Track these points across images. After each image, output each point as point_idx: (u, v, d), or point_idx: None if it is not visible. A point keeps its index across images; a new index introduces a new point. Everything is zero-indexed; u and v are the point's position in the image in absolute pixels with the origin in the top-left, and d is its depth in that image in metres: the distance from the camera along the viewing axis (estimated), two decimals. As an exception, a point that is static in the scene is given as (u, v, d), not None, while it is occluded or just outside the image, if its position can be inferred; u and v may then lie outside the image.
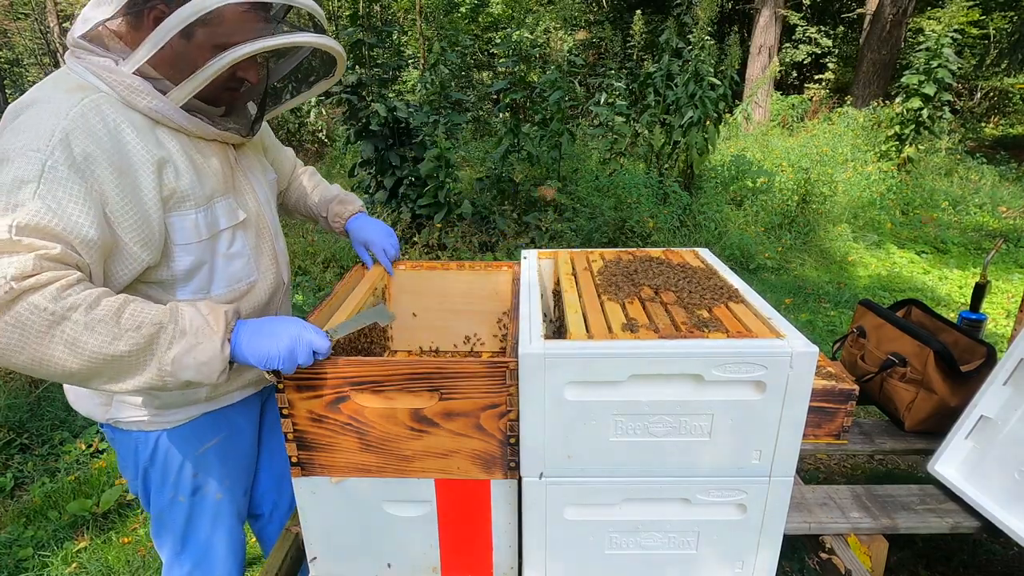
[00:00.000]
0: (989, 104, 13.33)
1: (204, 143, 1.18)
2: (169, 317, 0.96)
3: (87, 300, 0.91)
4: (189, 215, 1.13)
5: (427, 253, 4.97)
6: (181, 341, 0.96)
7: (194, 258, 1.16)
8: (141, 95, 1.05)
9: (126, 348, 0.92)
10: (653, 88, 6.05)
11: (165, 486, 1.34)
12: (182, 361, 0.96)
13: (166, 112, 1.08)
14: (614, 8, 14.48)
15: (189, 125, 1.12)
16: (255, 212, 1.30)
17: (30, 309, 0.87)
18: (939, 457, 1.62)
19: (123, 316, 0.93)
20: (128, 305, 0.94)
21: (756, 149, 8.18)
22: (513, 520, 1.19)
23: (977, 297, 2.17)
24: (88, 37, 1.05)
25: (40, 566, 2.28)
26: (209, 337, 0.97)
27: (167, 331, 0.95)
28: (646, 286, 1.28)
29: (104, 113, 1.02)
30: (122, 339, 0.92)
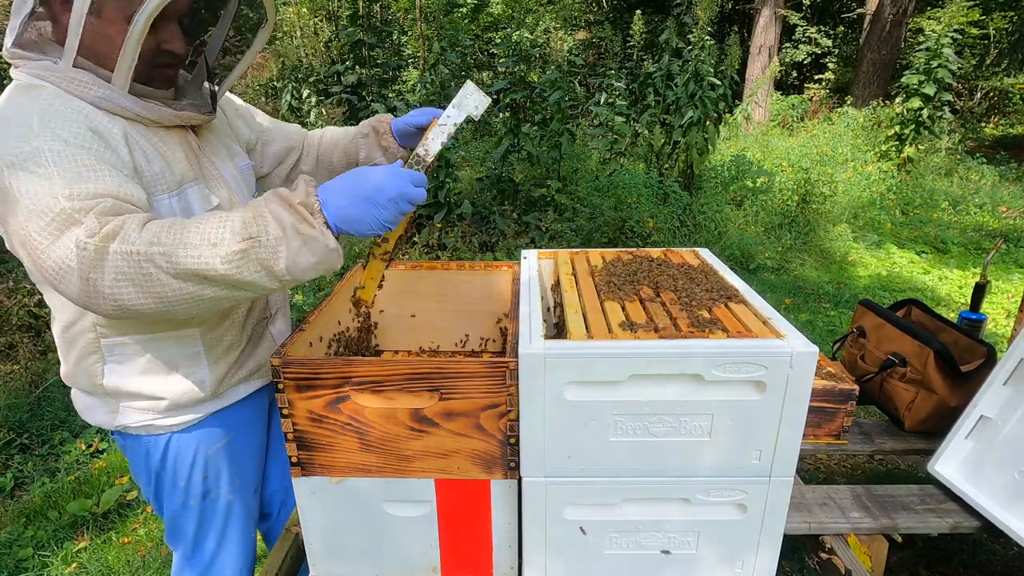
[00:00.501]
0: (989, 104, 13.33)
1: (163, 131, 1.15)
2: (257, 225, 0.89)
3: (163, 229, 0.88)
4: (163, 199, 1.11)
5: (427, 253, 4.97)
6: (282, 249, 0.90)
7: None
8: (87, 86, 1.03)
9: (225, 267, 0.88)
10: (653, 88, 6.05)
11: (176, 490, 1.33)
12: (296, 268, 0.91)
13: (117, 100, 1.05)
14: (614, 8, 14.48)
15: (143, 111, 1.09)
16: (227, 199, 1.26)
17: (119, 256, 0.86)
18: (939, 457, 1.62)
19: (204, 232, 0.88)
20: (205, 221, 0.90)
21: (756, 149, 8.18)
22: (513, 520, 1.19)
23: (977, 297, 2.17)
24: (20, 45, 1.05)
25: (40, 566, 2.29)
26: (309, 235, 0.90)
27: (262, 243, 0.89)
28: (646, 286, 1.28)
29: (64, 99, 1.01)
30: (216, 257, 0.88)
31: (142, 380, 1.21)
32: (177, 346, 1.22)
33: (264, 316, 1.39)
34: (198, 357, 1.25)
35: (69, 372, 1.25)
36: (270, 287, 0.93)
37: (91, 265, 0.87)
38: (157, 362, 1.21)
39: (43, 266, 0.90)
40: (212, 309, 0.96)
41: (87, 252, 0.86)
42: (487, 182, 5.72)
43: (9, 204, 0.92)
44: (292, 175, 1.56)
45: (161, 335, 1.20)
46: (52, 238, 0.89)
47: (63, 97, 1.02)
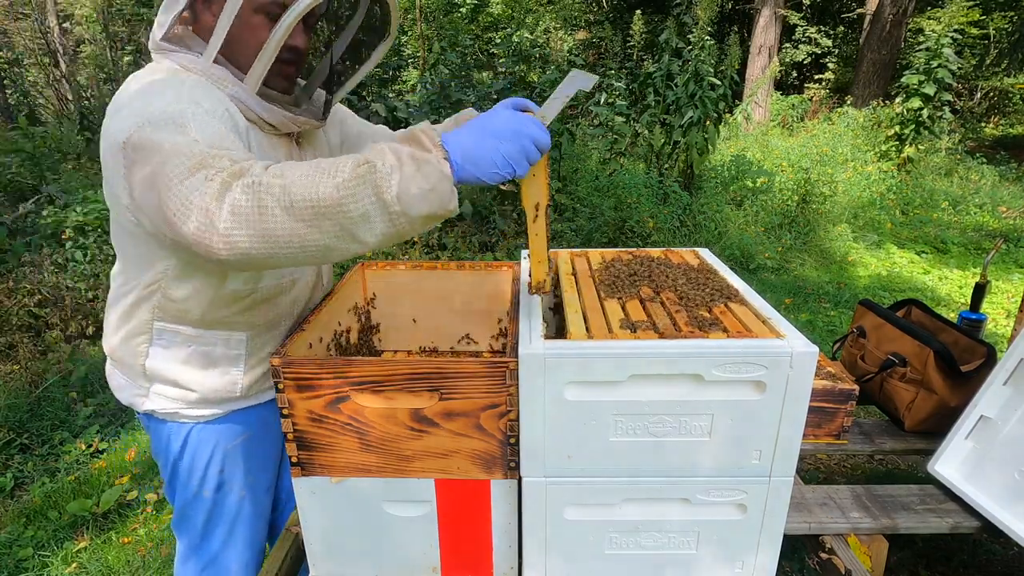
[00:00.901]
0: (989, 104, 13.33)
1: (274, 139, 1.20)
2: (376, 155, 0.87)
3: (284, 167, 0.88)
4: None
5: (427, 253, 4.97)
6: (396, 174, 0.85)
7: None
8: (224, 82, 1.10)
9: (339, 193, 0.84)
10: (653, 88, 6.05)
11: (191, 480, 1.35)
12: (407, 195, 0.85)
13: (246, 100, 1.12)
14: (614, 8, 14.48)
15: (266, 114, 1.14)
16: None
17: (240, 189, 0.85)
18: (939, 457, 1.62)
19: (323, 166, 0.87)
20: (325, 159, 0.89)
21: (756, 149, 8.19)
22: (513, 520, 1.19)
23: (977, 297, 2.17)
24: (167, 39, 1.11)
25: (40, 566, 2.29)
26: (421, 161, 0.87)
27: (377, 169, 0.85)
28: (646, 286, 1.28)
29: (209, 88, 1.08)
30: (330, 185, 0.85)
31: (180, 369, 1.25)
32: (223, 345, 1.26)
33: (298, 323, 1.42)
34: (238, 360, 1.29)
35: (114, 346, 1.28)
36: (379, 225, 0.87)
37: (212, 197, 0.85)
38: (199, 356, 1.25)
39: (167, 202, 0.89)
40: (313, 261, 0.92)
41: (212, 184, 0.87)
42: (487, 182, 5.71)
43: (147, 154, 0.95)
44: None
45: (212, 332, 1.24)
46: (184, 176, 0.90)
47: (206, 85, 1.09)
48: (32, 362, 3.50)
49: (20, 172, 5.41)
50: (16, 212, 4.71)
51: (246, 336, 1.28)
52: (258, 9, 1.08)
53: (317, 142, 1.37)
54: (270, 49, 1.08)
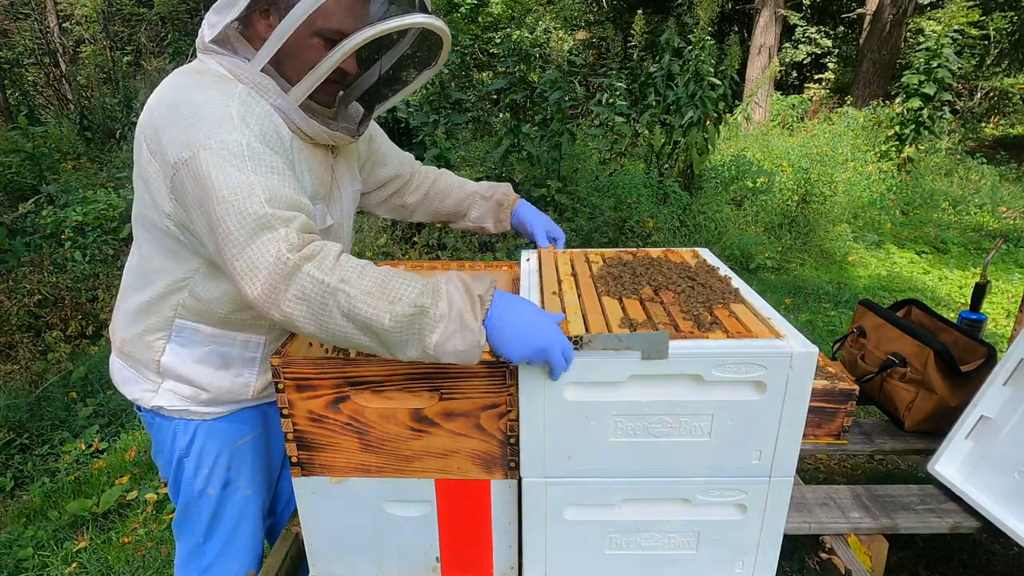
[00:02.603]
0: (989, 104, 13.33)
1: (311, 148, 1.20)
2: (431, 298, 0.94)
3: (356, 270, 0.94)
4: None
5: (427, 253, 4.97)
6: (441, 326, 0.93)
7: None
8: (270, 93, 1.09)
9: (391, 324, 0.92)
10: (654, 88, 6.05)
11: (197, 476, 1.34)
12: (443, 347, 0.94)
13: (288, 112, 1.11)
14: (614, 8, 14.48)
15: (306, 127, 1.14)
16: (339, 221, 1.32)
17: (309, 280, 0.92)
18: (939, 457, 1.62)
19: (388, 288, 0.93)
20: (392, 278, 0.95)
21: (756, 149, 8.18)
22: (513, 520, 1.19)
23: (977, 297, 2.17)
24: (217, 40, 1.10)
25: (40, 566, 2.29)
26: (467, 326, 0.94)
27: (428, 315, 0.93)
28: (646, 286, 1.28)
29: (255, 99, 1.08)
30: (389, 314, 0.92)
31: (195, 368, 1.24)
32: (240, 347, 1.26)
33: None
34: (252, 362, 1.29)
35: (126, 340, 1.26)
36: (412, 355, 0.96)
37: (283, 276, 0.92)
38: (216, 356, 1.25)
39: (232, 261, 0.95)
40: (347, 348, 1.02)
41: (285, 265, 0.92)
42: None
43: (206, 189, 0.97)
44: (392, 200, 1.63)
45: (232, 333, 1.24)
46: (248, 237, 0.93)
47: (254, 95, 1.08)
48: (32, 362, 3.50)
49: (20, 172, 5.41)
50: (16, 212, 4.71)
51: (264, 339, 1.28)
52: (317, 32, 1.08)
53: (349, 152, 1.38)
54: (320, 71, 1.07)
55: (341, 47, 1.05)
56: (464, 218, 1.67)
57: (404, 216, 1.69)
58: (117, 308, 1.30)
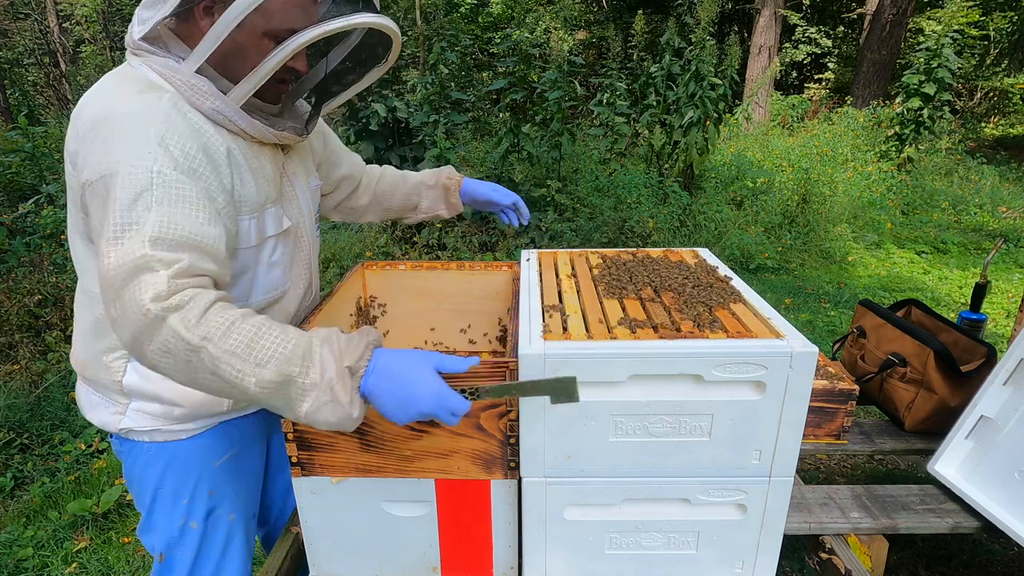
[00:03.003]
0: (989, 104, 13.33)
1: (258, 147, 1.14)
2: (300, 365, 0.90)
3: (221, 327, 0.88)
4: (243, 220, 1.10)
5: (427, 253, 4.97)
6: (311, 396, 0.90)
7: (240, 264, 1.13)
8: (205, 96, 1.03)
9: (257, 390, 0.89)
10: (654, 88, 6.05)
11: (176, 509, 1.24)
12: (314, 417, 0.91)
13: (228, 114, 1.05)
14: (614, 8, 14.48)
15: (248, 128, 1.09)
16: (296, 221, 1.26)
17: (172, 335, 0.87)
18: (939, 457, 1.62)
19: (256, 349, 0.89)
20: (259, 337, 0.90)
21: (756, 149, 8.18)
22: (513, 520, 1.19)
23: (977, 297, 2.17)
24: (147, 38, 1.03)
25: (40, 566, 2.29)
26: (337, 399, 0.91)
27: (296, 384, 0.90)
28: (646, 286, 1.28)
29: (183, 110, 1.01)
30: (255, 377, 0.89)
31: (162, 383, 1.15)
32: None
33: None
34: None
35: (86, 362, 1.19)
36: (286, 414, 0.94)
37: (145, 330, 0.87)
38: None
39: (107, 296, 0.90)
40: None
41: (145, 317, 0.87)
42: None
43: (103, 216, 0.93)
44: (345, 203, 1.61)
45: None
46: (123, 280, 0.88)
47: (180, 107, 1.01)
48: (32, 362, 3.50)
49: (20, 172, 5.41)
50: (16, 212, 4.71)
51: None
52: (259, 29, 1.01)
53: (302, 148, 1.33)
54: (262, 72, 1.02)
55: (284, 47, 1.00)
56: (416, 210, 1.65)
57: (355, 218, 1.65)
58: (75, 330, 1.22)
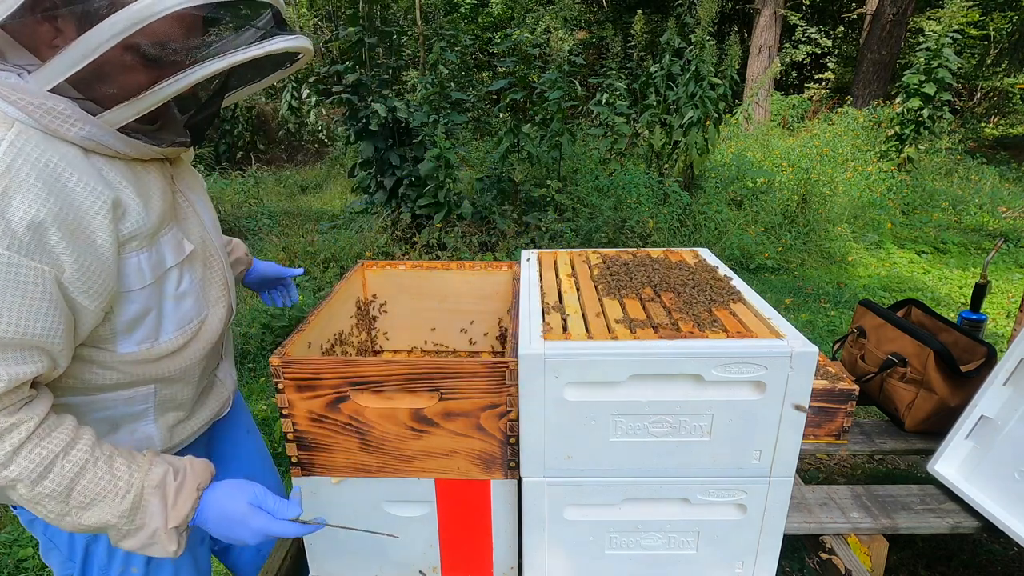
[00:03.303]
0: (989, 104, 13.33)
1: (141, 167, 0.97)
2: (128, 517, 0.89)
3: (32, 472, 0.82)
4: (131, 258, 0.94)
5: (427, 253, 4.97)
6: (135, 536, 0.90)
7: (139, 306, 0.97)
8: (69, 122, 0.83)
9: (71, 528, 0.87)
10: (654, 88, 6.05)
11: (113, 561, 1.12)
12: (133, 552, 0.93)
13: (101, 139, 0.87)
14: (614, 8, 14.48)
15: (129, 149, 0.91)
16: (200, 239, 1.10)
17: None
18: (939, 457, 1.62)
19: (74, 491, 0.85)
20: (84, 476, 0.85)
21: (756, 149, 8.18)
22: (513, 520, 1.19)
23: (977, 297, 2.17)
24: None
25: (40, 566, 2.29)
26: (166, 543, 0.92)
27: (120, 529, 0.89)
28: (646, 286, 1.28)
29: (32, 158, 0.80)
30: (69, 516, 0.86)
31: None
32: (126, 405, 1.05)
33: (215, 362, 1.24)
34: (145, 414, 1.08)
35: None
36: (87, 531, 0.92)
37: None
38: (99, 423, 1.03)
39: None
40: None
41: None
42: (487, 182, 5.72)
43: None
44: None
45: (105, 395, 1.02)
46: None
47: (33, 146, 0.81)
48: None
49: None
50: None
51: (153, 388, 1.06)
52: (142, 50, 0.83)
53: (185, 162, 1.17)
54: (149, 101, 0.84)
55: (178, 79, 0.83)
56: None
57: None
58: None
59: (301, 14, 11.71)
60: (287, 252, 4.94)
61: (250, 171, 8.05)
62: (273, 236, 5.59)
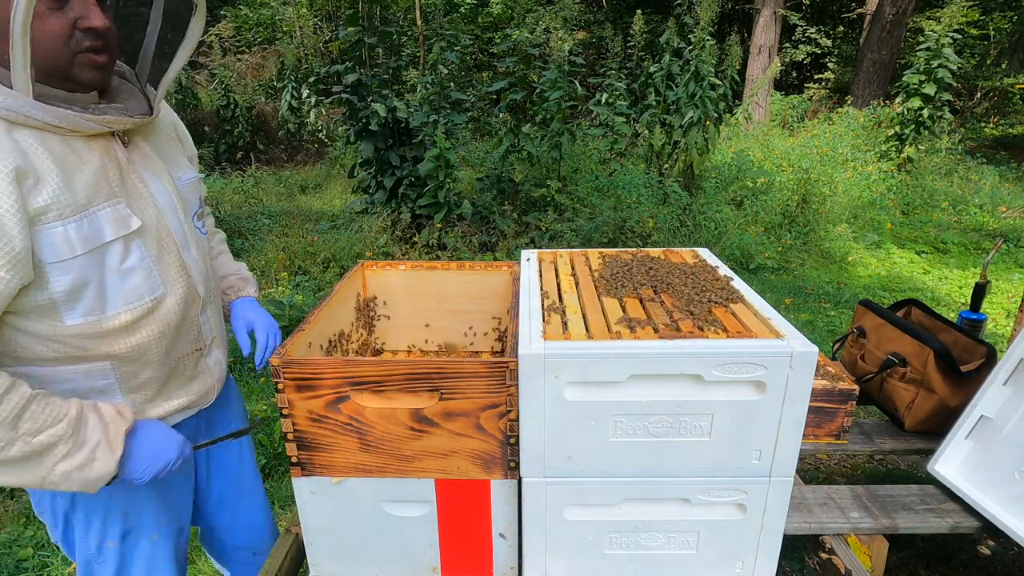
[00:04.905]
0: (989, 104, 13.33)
1: (80, 142, 1.00)
2: (70, 429, 0.95)
3: None
4: (56, 228, 0.95)
5: (427, 253, 4.97)
6: (76, 455, 0.96)
7: (72, 276, 0.99)
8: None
9: (17, 453, 0.92)
10: (654, 88, 6.05)
11: (90, 531, 1.18)
12: (69, 476, 0.96)
13: (21, 109, 0.91)
14: (614, 8, 14.48)
15: (53, 119, 0.94)
16: (154, 219, 1.11)
17: None
18: (939, 457, 1.62)
19: (22, 420, 0.91)
20: (30, 406, 0.92)
21: (756, 149, 8.18)
22: (513, 520, 1.19)
23: (977, 297, 2.17)
24: None
25: (40, 566, 2.28)
26: (105, 457, 0.98)
27: (64, 444, 0.95)
28: (646, 286, 1.28)
29: None
30: (15, 444, 0.91)
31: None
32: (85, 378, 1.08)
33: (197, 348, 1.24)
34: (110, 389, 1.11)
35: None
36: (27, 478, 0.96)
37: None
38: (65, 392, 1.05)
39: None
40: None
41: None
42: (487, 182, 5.72)
43: None
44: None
45: (64, 367, 1.06)
46: None
47: None
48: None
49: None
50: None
51: (109, 365, 1.09)
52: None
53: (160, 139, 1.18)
54: (17, 40, 0.85)
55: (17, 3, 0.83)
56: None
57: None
58: None
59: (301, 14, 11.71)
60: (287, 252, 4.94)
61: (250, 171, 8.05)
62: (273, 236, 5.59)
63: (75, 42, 0.95)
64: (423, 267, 1.62)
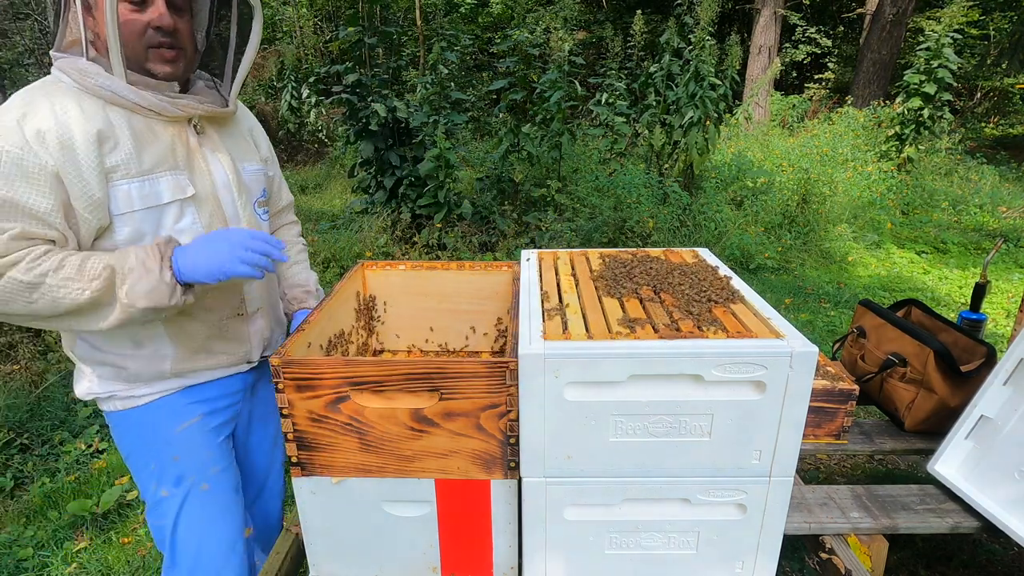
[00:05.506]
0: (989, 104, 13.32)
1: (160, 124, 1.22)
2: (118, 260, 1.11)
3: (53, 264, 1.07)
4: (122, 185, 1.17)
5: (427, 253, 4.97)
6: (130, 277, 1.11)
7: (131, 229, 1.19)
8: (93, 76, 1.13)
9: (93, 295, 1.09)
10: (654, 88, 6.05)
11: (147, 474, 1.34)
12: (134, 292, 1.10)
13: (115, 89, 1.14)
14: (614, 8, 14.48)
15: (137, 99, 1.17)
16: (209, 192, 1.29)
17: (11, 283, 1.05)
18: (939, 457, 1.62)
19: (85, 269, 1.08)
20: (88, 259, 1.10)
21: (756, 149, 8.17)
22: (513, 520, 1.19)
23: (977, 297, 2.17)
24: (61, 48, 1.20)
25: (40, 566, 2.28)
26: (148, 268, 1.11)
27: (119, 272, 1.10)
28: (646, 286, 1.28)
29: (54, 98, 1.12)
30: (89, 288, 1.08)
31: (108, 348, 1.27)
32: (141, 327, 1.26)
33: (239, 313, 1.39)
34: (160, 337, 1.29)
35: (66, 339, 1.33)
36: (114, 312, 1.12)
37: None
38: (121, 335, 1.26)
39: None
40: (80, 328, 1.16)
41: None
42: (487, 182, 5.72)
43: None
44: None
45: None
46: None
47: (60, 94, 1.13)
48: (32, 362, 3.50)
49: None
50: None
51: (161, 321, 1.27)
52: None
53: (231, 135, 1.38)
54: (110, 33, 1.09)
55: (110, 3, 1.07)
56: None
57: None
58: None
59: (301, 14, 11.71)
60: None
61: (250, 171, 8.02)
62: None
63: (148, 38, 1.16)
64: (423, 267, 1.62)
